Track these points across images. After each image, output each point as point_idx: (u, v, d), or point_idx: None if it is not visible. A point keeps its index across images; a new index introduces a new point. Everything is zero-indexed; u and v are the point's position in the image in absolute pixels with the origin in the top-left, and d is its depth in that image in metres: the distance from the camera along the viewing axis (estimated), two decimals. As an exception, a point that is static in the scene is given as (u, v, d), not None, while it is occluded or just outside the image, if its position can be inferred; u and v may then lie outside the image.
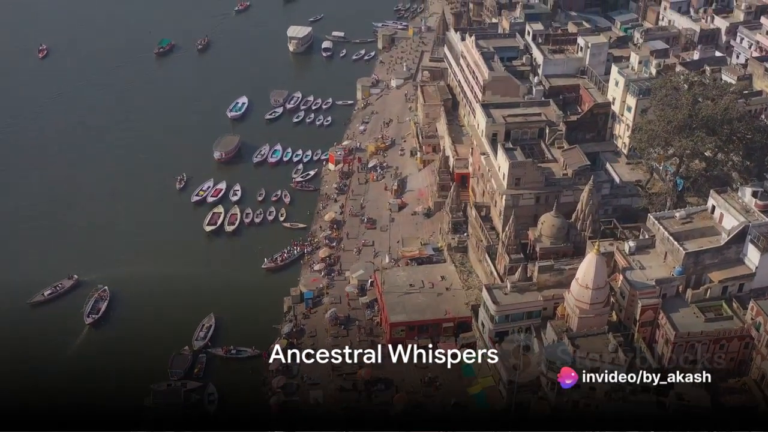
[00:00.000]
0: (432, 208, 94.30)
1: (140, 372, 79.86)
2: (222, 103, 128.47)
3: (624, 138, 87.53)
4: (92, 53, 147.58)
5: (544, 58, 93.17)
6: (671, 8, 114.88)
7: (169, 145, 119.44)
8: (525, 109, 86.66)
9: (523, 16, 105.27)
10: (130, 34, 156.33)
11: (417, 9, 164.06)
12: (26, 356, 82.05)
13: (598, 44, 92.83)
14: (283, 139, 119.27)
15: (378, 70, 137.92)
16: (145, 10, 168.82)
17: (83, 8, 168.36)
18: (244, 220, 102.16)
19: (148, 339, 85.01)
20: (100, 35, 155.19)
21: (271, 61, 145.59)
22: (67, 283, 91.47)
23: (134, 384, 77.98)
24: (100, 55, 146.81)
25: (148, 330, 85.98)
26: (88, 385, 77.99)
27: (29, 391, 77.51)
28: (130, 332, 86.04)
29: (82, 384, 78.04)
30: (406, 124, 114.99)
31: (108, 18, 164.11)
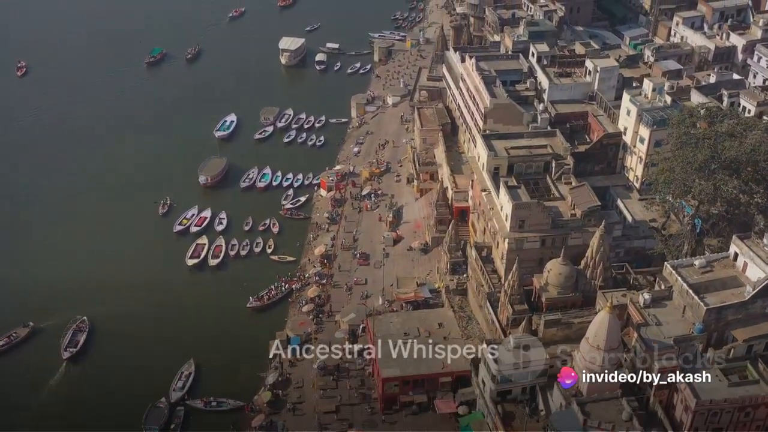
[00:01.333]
0: (429, 244, 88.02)
1: (114, 427, 74.05)
2: (209, 121, 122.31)
3: (636, 171, 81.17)
4: (77, 67, 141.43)
5: (550, 83, 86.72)
6: (684, 24, 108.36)
7: (153, 167, 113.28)
8: (529, 140, 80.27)
9: (527, 34, 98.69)
10: (122, 42, 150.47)
11: (416, 18, 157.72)
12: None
13: (607, 68, 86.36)
14: (272, 161, 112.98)
15: (374, 86, 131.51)
16: (139, 15, 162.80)
17: (68, 17, 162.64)
18: (229, 252, 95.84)
19: (124, 385, 79.40)
20: (89, 45, 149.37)
21: (263, 74, 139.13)
22: (22, 331, 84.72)
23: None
24: (87, 68, 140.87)
25: (125, 373, 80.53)
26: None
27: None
28: (108, 373, 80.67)
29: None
30: (402, 147, 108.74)
31: (99, 26, 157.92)
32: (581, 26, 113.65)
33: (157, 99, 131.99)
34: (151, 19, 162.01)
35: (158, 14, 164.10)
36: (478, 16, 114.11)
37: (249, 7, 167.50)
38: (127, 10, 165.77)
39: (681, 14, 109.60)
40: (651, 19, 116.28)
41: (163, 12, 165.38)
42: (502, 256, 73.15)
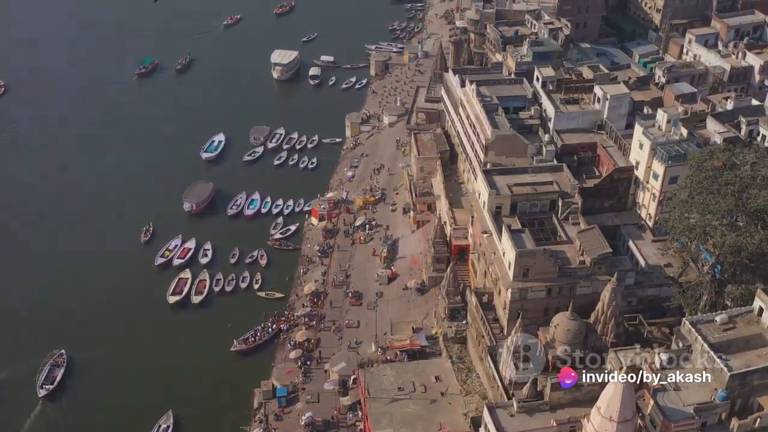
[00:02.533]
0: (426, 284, 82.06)
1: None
2: (197, 141, 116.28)
3: (649, 208, 75.15)
4: (62, 82, 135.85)
5: (556, 111, 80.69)
6: (697, 42, 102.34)
7: (137, 190, 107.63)
8: (534, 176, 74.26)
9: (531, 55, 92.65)
10: (115, 51, 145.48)
11: (414, 28, 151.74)
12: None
13: (618, 96, 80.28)
14: (262, 185, 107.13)
15: (370, 102, 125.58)
16: (132, 22, 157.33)
17: (55, 26, 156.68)
18: (214, 287, 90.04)
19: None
20: (77, 57, 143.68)
21: (254, 88, 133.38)
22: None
23: None
24: (73, 82, 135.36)
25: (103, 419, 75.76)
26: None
27: None
28: (85, 414, 76.43)
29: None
30: (398, 172, 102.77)
31: (91, 34, 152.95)
32: (588, 43, 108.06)
33: (144, 115, 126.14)
34: (145, 25, 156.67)
35: (152, 21, 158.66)
36: (478, 32, 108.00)
37: (245, 15, 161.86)
38: (120, 17, 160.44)
39: (694, 31, 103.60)
40: (661, 35, 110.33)
41: (157, 18, 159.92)
42: (505, 305, 67.26)
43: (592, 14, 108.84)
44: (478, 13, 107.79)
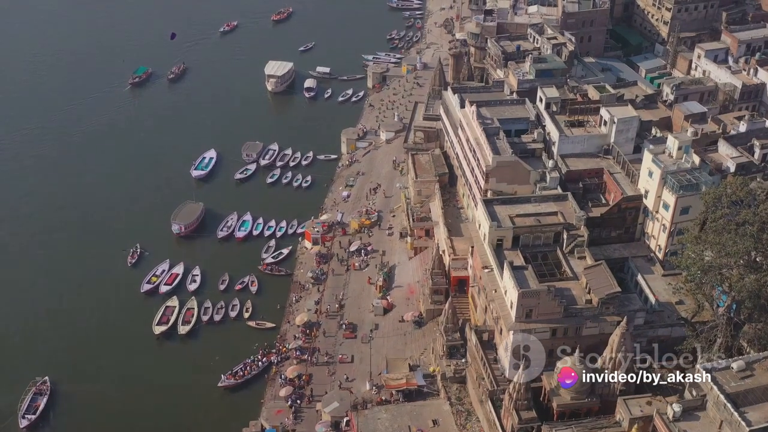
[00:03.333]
0: (423, 316, 78.04)
1: None
2: (187, 157, 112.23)
3: (659, 240, 71.11)
4: (52, 92, 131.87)
5: (560, 135, 76.63)
6: (706, 57, 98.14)
7: (125, 209, 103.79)
8: (537, 206, 70.35)
9: (533, 72, 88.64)
10: (109, 60, 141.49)
11: (413, 38, 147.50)
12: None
13: (625, 119, 76.17)
14: (254, 205, 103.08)
15: (366, 116, 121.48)
16: (128, 29, 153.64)
17: (45, 34, 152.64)
18: (202, 317, 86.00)
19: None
20: (69, 66, 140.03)
21: (248, 101, 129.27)
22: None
23: None
24: (63, 93, 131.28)
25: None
26: None
27: None
28: None
29: None
30: (395, 194, 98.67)
31: (85, 41, 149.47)
32: (593, 57, 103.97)
33: (134, 129, 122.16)
34: (141, 32, 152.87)
35: (148, 27, 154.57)
36: (479, 46, 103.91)
37: (242, 22, 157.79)
38: (116, 23, 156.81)
39: (703, 46, 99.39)
40: (669, 49, 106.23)
41: (153, 25, 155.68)
42: (507, 346, 63.25)
43: (596, 28, 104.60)
44: (479, 27, 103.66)
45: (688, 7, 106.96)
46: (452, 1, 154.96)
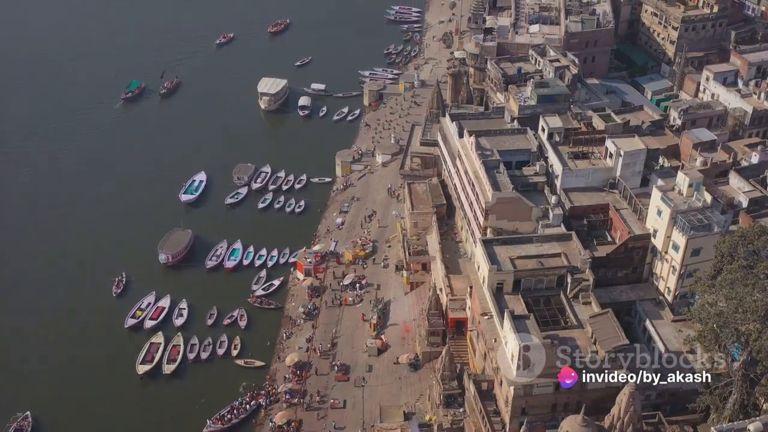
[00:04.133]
0: (420, 358, 74.18)
1: None
2: (176, 180, 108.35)
3: (668, 282, 67.24)
4: (39, 107, 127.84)
5: (564, 168, 72.77)
6: (715, 80, 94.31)
7: (111, 236, 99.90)
8: (540, 246, 66.56)
9: (535, 98, 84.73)
10: (103, 72, 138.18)
11: (411, 52, 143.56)
12: None
13: (633, 152, 72.29)
14: (244, 232, 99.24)
15: (362, 136, 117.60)
16: (124, 39, 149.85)
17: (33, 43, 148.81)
18: (188, 354, 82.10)
19: None
20: (60, 80, 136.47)
21: (240, 119, 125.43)
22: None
23: None
24: (51, 109, 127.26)
25: None
26: None
27: None
28: None
29: None
30: (391, 222, 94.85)
31: (80, 51, 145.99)
32: (597, 78, 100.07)
33: (122, 148, 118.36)
34: (136, 43, 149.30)
35: (144, 39, 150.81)
36: (478, 66, 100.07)
37: (238, 33, 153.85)
38: (111, 34, 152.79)
39: (711, 68, 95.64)
40: (675, 70, 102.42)
41: (148, 36, 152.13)
42: (507, 400, 59.42)
43: (600, 48, 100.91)
44: (478, 47, 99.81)
45: (696, 26, 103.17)
46: (451, 14, 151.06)
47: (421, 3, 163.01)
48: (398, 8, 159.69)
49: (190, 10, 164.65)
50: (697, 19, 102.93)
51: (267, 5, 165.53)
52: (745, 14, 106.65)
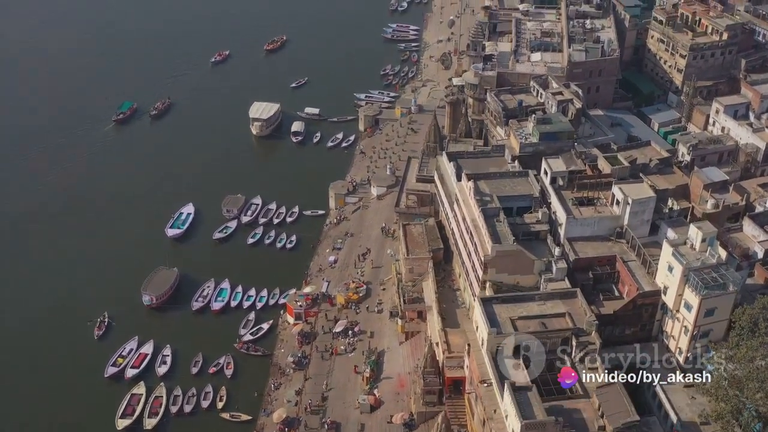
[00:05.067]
0: (415, 418, 69.79)
1: None
2: (163, 212, 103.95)
3: (680, 342, 62.94)
4: (26, 131, 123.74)
5: (568, 216, 68.46)
6: (725, 112, 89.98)
7: (93, 273, 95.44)
8: (542, 305, 62.33)
9: (537, 134, 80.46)
10: (95, 92, 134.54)
11: (408, 73, 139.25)
12: None
13: (641, 200, 67.99)
14: (233, 270, 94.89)
15: (357, 164, 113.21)
16: (118, 57, 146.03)
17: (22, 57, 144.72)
18: (171, 407, 77.70)
19: None
20: (50, 97, 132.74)
21: (231, 145, 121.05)
22: None
23: None
24: (40, 132, 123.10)
25: None
26: None
27: None
28: None
29: None
30: (386, 263, 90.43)
31: (76, 70, 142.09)
32: (601, 109, 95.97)
33: (109, 177, 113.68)
34: (131, 60, 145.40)
35: (139, 57, 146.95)
36: (477, 97, 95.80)
37: (234, 50, 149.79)
38: (106, 51, 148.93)
39: (721, 100, 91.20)
40: (683, 99, 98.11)
41: (143, 53, 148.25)
42: (508, 478, 55.15)
43: (605, 78, 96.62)
44: (477, 77, 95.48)
45: (704, 54, 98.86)
46: (450, 33, 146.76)
47: (419, 21, 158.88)
48: (395, 26, 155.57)
49: (186, 24, 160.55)
50: (705, 47, 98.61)
51: (265, 20, 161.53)
52: (755, 41, 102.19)
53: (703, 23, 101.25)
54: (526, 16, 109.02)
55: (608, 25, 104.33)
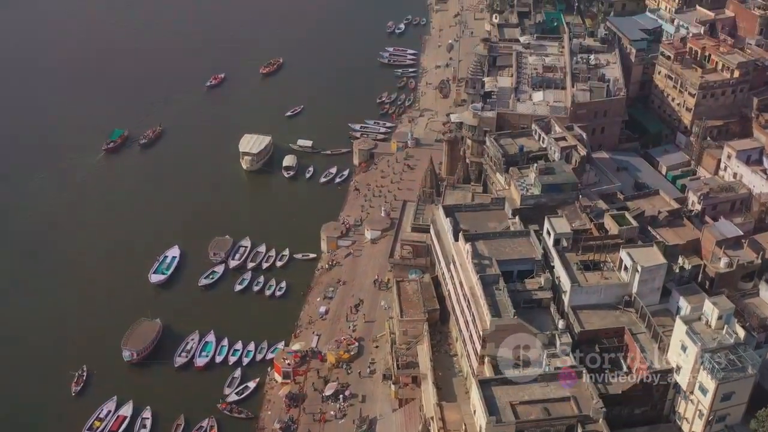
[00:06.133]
0: (408, 500, 65.25)
1: None
2: (147, 255, 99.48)
3: (694, 425, 58.27)
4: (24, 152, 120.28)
5: (572, 284, 63.73)
6: (738, 158, 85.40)
7: (73, 321, 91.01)
8: (545, 386, 57.55)
9: (539, 186, 75.74)
10: (86, 118, 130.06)
11: (405, 101, 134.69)
12: None
13: (650, 269, 63.28)
14: (219, 321, 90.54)
15: (351, 203, 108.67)
16: (111, 85, 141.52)
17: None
18: (150, 477, 73.29)
19: None
20: (47, 122, 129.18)
21: (220, 179, 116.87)
22: None
23: None
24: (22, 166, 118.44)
25: None
26: None
27: None
28: None
29: None
30: (379, 314, 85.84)
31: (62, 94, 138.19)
32: (606, 151, 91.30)
33: (94, 213, 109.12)
34: (125, 84, 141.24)
35: (133, 79, 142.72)
36: (476, 139, 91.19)
37: (230, 73, 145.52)
38: (102, 73, 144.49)
39: (733, 145, 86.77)
40: (692, 141, 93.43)
41: (137, 76, 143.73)
42: None
43: (611, 119, 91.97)
44: (476, 118, 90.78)
45: (715, 93, 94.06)
46: (449, 59, 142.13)
47: (417, 44, 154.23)
48: (392, 50, 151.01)
49: (183, 44, 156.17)
50: (716, 85, 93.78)
51: (262, 40, 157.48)
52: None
53: (713, 59, 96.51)
54: (528, 48, 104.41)
55: (613, 61, 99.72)
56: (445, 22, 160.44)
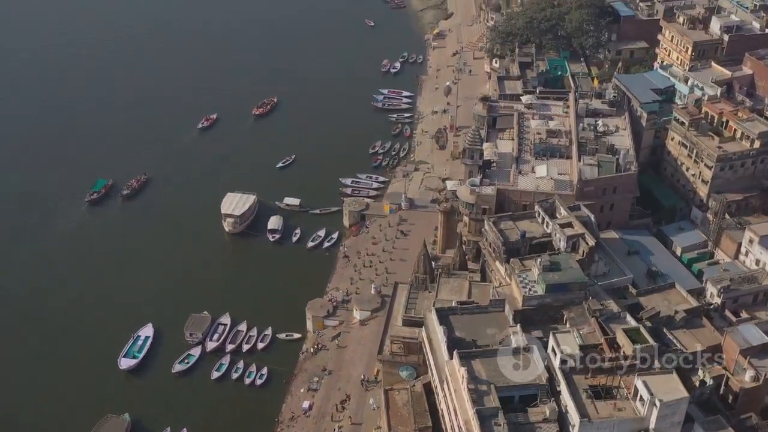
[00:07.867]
0: None
1: None
2: (118, 336, 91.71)
3: None
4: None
5: (581, 419, 56.20)
6: (761, 243, 77.89)
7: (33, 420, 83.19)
8: None
9: (543, 285, 67.89)
10: (69, 165, 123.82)
11: (400, 151, 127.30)
12: None
13: (670, 403, 55.69)
14: (194, 414, 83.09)
15: (339, 272, 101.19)
16: (94, 127, 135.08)
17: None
18: None
19: None
20: (30, 167, 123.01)
21: (202, 241, 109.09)
22: None
23: None
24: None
25: None
26: None
27: None
28: None
29: None
30: (367, 416, 78.19)
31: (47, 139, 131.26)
32: (615, 230, 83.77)
33: (64, 282, 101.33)
34: (113, 127, 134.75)
35: (123, 121, 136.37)
36: (474, 217, 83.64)
37: (222, 113, 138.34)
38: (86, 107, 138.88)
39: (755, 229, 79.29)
40: (710, 218, 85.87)
41: (127, 118, 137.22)
42: None
43: (621, 195, 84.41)
44: (473, 195, 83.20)
45: (733, 165, 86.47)
46: (446, 103, 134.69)
47: (413, 85, 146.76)
48: (387, 92, 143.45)
49: (176, 82, 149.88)
50: (735, 157, 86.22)
51: (256, 77, 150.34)
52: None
53: (731, 126, 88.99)
54: (530, 109, 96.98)
55: (623, 126, 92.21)
56: (443, 60, 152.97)
